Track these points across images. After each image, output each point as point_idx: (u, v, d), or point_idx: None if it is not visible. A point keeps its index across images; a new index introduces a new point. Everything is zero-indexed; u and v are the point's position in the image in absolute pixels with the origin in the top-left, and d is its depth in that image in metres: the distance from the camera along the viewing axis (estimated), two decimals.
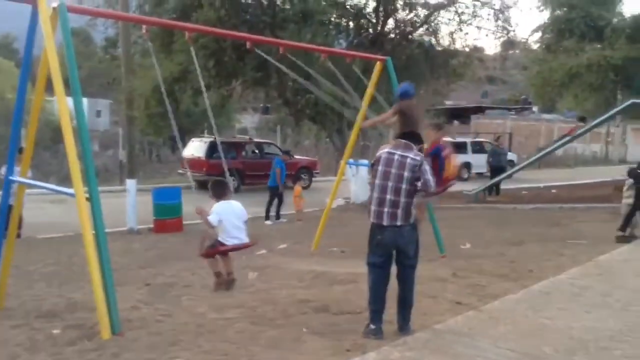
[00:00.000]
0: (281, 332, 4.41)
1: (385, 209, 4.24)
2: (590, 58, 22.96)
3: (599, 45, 23.64)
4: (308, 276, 6.69)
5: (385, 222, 4.24)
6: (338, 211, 14.72)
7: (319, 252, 8.68)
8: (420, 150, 4.68)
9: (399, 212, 4.23)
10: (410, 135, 4.57)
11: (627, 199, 8.70)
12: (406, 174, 4.23)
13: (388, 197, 4.23)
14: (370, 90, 8.91)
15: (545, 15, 25.89)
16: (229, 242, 5.88)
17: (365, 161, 16.83)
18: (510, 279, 6.11)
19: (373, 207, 4.32)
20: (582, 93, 26.88)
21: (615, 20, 24.57)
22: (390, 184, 4.24)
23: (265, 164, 18.16)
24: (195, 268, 7.21)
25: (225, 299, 5.64)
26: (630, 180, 8.80)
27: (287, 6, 15.82)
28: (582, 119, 16.32)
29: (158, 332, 4.47)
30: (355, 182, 15.75)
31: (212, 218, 5.75)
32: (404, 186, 4.22)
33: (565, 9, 24.63)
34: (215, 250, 5.96)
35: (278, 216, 13.21)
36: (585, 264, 6.43)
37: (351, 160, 14.70)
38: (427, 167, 4.34)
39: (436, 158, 6.38)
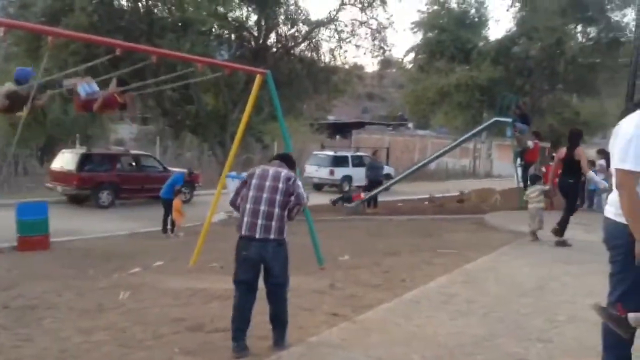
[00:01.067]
0: (150, 354, 4.20)
1: (259, 221, 4.19)
2: (459, 78, 24.64)
3: (467, 67, 25.41)
4: (184, 294, 6.45)
5: (257, 235, 4.18)
6: (220, 225, 14.42)
7: (197, 268, 8.42)
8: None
9: (273, 224, 4.20)
10: (284, 157, 4.63)
11: (538, 204, 9.43)
12: (280, 185, 4.23)
13: (262, 208, 4.20)
14: (250, 102, 8.84)
15: (418, 37, 27.44)
16: None
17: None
18: (384, 288, 6.29)
19: (245, 219, 4.25)
20: (452, 111, 28.77)
21: (481, 43, 26.56)
22: (264, 195, 4.21)
23: (143, 177, 17.42)
24: (61, 289, 6.71)
25: (92, 321, 5.29)
26: (538, 186, 9.62)
27: (166, 14, 15.42)
28: (537, 135, 17.41)
29: (17, 358, 4.11)
30: None
31: None
32: (278, 197, 4.21)
33: (436, 31, 26.25)
34: None
35: (172, 229, 12.81)
36: (453, 272, 6.79)
37: (233, 174, 14.53)
38: (300, 182, 4.38)
39: None
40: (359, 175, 21.57)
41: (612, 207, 3.29)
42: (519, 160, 16.27)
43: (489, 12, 27.12)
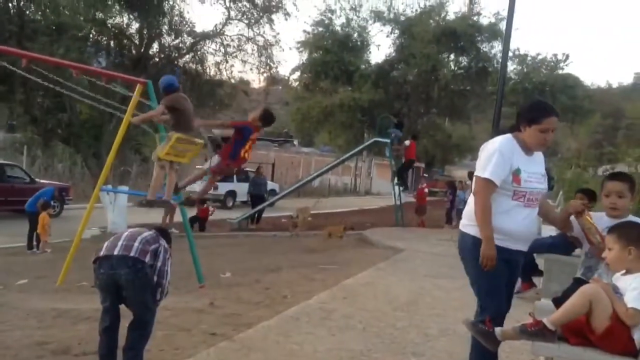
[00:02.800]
0: None
1: (120, 242, 3.92)
2: (342, 99, 25.46)
3: (349, 88, 26.31)
4: (49, 315, 5.97)
5: (116, 252, 3.85)
6: (92, 242, 13.56)
7: (65, 288, 7.85)
8: None
9: (136, 244, 3.88)
10: (160, 230, 4.30)
11: None
12: (143, 236, 3.98)
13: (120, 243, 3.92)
14: (128, 113, 8.46)
15: (304, 56, 27.98)
16: None
17: (125, 187, 15.97)
18: (265, 305, 6.23)
19: (106, 244, 4.00)
20: (335, 130, 29.60)
21: (363, 66, 27.64)
22: (120, 242, 3.91)
23: (7, 188, 16.06)
24: None
25: None
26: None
27: (39, 17, 14.41)
28: (413, 136, 17.98)
29: None
30: (112, 210, 14.77)
31: None
32: (136, 244, 3.90)
33: (321, 52, 26.93)
34: None
35: (38, 245, 11.86)
36: (333, 288, 6.88)
37: (108, 187, 13.80)
38: (168, 264, 4.02)
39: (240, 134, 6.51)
40: (243, 191, 21.43)
41: (464, 219, 3.54)
42: (396, 179, 16.97)
43: (371, 37, 28.24)
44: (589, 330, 2.90)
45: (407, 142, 16.85)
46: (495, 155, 3.33)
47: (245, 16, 20.31)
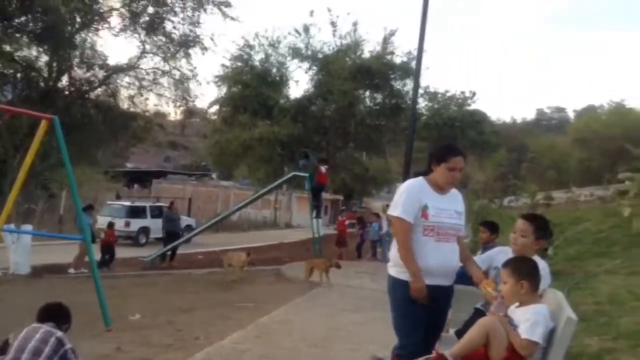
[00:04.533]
0: None
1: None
2: (262, 133, 25.51)
3: (269, 122, 26.42)
4: None
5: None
6: None
7: None
8: None
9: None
10: (56, 311, 3.97)
11: None
12: (47, 348, 3.61)
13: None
14: (33, 149, 8.04)
15: (223, 90, 27.88)
16: None
17: (29, 226, 15.07)
18: (176, 348, 6.03)
19: (15, 343, 3.63)
20: (254, 163, 29.52)
21: (282, 101, 27.90)
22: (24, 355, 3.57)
23: None
24: None
25: None
26: None
27: None
28: (324, 160, 17.90)
29: None
30: (15, 249, 13.87)
31: None
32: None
33: (240, 86, 26.95)
34: None
35: None
36: (248, 327, 6.77)
37: (10, 226, 12.97)
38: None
39: None
40: (157, 226, 20.77)
41: (390, 261, 3.68)
42: (314, 212, 17.07)
43: (290, 73, 28.68)
44: None
45: (322, 169, 17.11)
46: (403, 194, 3.59)
47: (161, 50, 20.07)
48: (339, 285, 10.53)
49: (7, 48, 14.96)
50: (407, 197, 3.55)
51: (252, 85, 26.64)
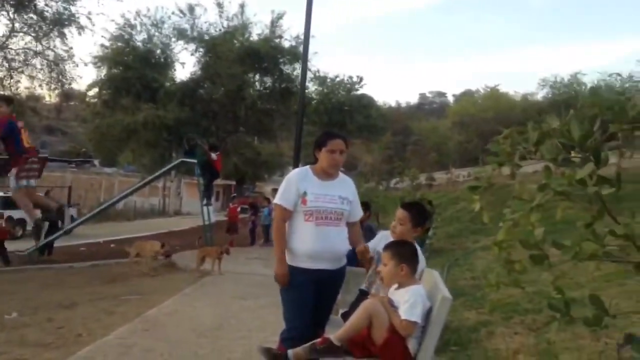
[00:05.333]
0: None
1: None
2: (146, 117, 24.47)
3: (154, 106, 25.40)
4: None
5: None
6: None
7: None
8: None
9: None
10: None
11: None
12: None
13: None
14: None
15: (103, 72, 26.37)
16: None
17: None
18: (56, 347, 5.69)
19: None
20: (139, 149, 28.32)
21: (168, 84, 26.94)
22: None
23: None
24: None
25: None
26: None
27: None
28: (214, 147, 17.24)
29: None
30: None
31: None
32: None
33: (121, 68, 25.65)
34: None
35: None
36: (134, 320, 6.53)
37: None
38: None
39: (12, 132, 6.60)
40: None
41: None
42: (205, 200, 16.73)
43: (175, 55, 27.76)
44: (370, 343, 3.14)
45: (214, 156, 16.78)
46: (283, 184, 3.79)
47: (32, 29, 18.56)
48: (230, 273, 10.46)
49: None
50: (286, 185, 3.75)
51: (135, 66, 25.45)
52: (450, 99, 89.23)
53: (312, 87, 29.35)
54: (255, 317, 6.68)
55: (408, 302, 3.13)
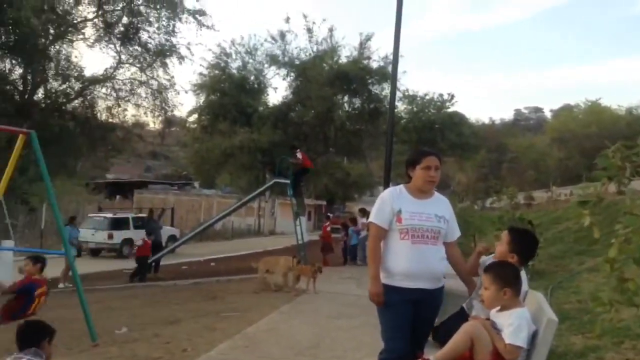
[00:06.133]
0: None
1: None
2: (242, 140, 25.47)
3: (249, 130, 26.40)
4: None
5: None
6: None
7: None
8: None
9: None
10: (35, 335, 3.80)
11: None
12: None
13: None
14: (11, 165, 7.97)
15: (201, 99, 27.82)
16: None
17: (11, 242, 14.85)
18: None
19: None
20: (236, 171, 29.45)
21: (261, 108, 27.91)
22: None
23: None
24: None
25: None
26: None
27: None
28: (295, 147, 18.02)
29: None
30: None
31: None
32: None
33: (218, 94, 26.92)
34: None
35: None
36: (235, 337, 6.77)
37: None
38: None
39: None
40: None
41: None
42: (299, 221, 17.05)
43: (267, 80, 28.76)
44: None
45: (299, 155, 17.23)
46: (377, 202, 3.81)
47: (137, 60, 19.96)
48: (324, 292, 10.54)
49: None
50: (380, 204, 3.76)
51: (231, 93, 26.64)
52: (548, 114, 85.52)
53: (401, 106, 29.31)
54: (351, 337, 6.69)
55: (512, 325, 3.04)
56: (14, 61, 16.44)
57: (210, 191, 43.68)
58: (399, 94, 26.32)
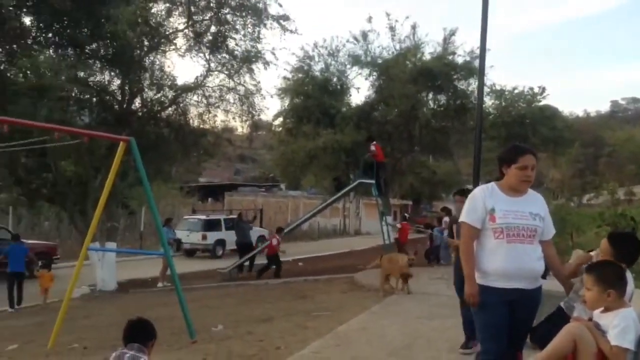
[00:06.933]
0: None
1: None
2: (325, 142, 25.66)
3: (332, 131, 26.56)
4: None
5: None
6: (82, 300, 13.46)
7: (56, 351, 7.74)
8: None
9: None
10: (141, 331, 3.91)
11: None
12: None
13: None
14: (113, 170, 8.52)
15: (286, 102, 28.32)
16: None
17: (113, 244, 15.85)
18: (259, 359, 6.19)
19: None
20: (320, 172, 29.75)
21: (344, 109, 28.00)
22: None
23: None
24: None
25: None
26: None
27: (20, 79, 14.52)
28: (371, 138, 18.32)
29: None
30: (101, 267, 14.65)
31: None
32: None
33: (302, 97, 27.31)
34: None
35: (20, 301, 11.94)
36: (326, 335, 6.85)
37: (96, 244, 13.71)
38: None
39: None
40: (233, 239, 21.35)
41: None
42: (385, 220, 17.00)
43: (350, 80, 28.82)
44: None
45: (372, 148, 17.15)
46: (468, 201, 3.72)
47: (225, 67, 20.60)
48: (414, 293, 10.43)
49: (82, 74, 15.85)
50: (471, 202, 3.67)
51: (314, 95, 26.90)
52: None
53: (488, 101, 28.42)
54: (444, 339, 6.59)
55: (618, 326, 2.88)
56: (112, 73, 17.49)
57: (296, 192, 44.41)
58: (486, 89, 25.54)
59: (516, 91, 29.64)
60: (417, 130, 26.42)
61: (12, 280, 12.32)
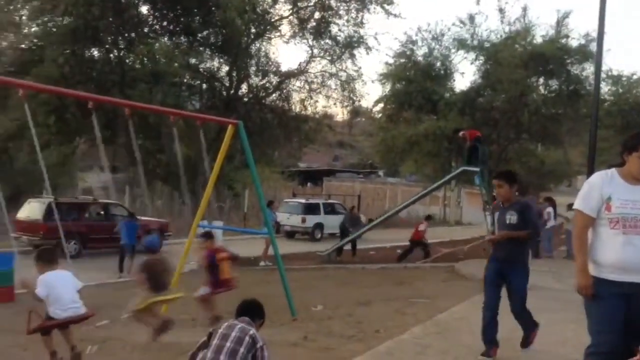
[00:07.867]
0: None
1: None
2: (427, 128, 25.20)
3: (434, 117, 26.00)
4: (153, 347, 6.31)
5: None
6: (190, 276, 14.19)
7: None
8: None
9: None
10: (251, 310, 4.09)
11: None
12: (242, 349, 3.74)
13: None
14: (222, 152, 8.88)
15: (387, 88, 28.04)
16: (62, 315, 5.38)
17: (220, 222, 16.60)
18: (358, 340, 6.25)
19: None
20: (421, 159, 29.25)
21: (447, 95, 27.26)
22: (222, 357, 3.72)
23: (111, 226, 17.12)
24: (28, 342, 6.47)
25: None
26: None
27: (138, 66, 15.52)
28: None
29: None
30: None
31: (40, 290, 5.26)
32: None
33: (404, 83, 26.88)
34: (45, 325, 5.41)
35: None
36: (426, 322, 6.78)
37: (204, 222, 14.41)
38: (266, 352, 3.82)
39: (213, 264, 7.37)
40: (331, 223, 21.66)
41: None
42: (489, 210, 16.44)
43: (454, 65, 28.06)
44: None
45: (461, 134, 16.70)
46: (584, 187, 3.61)
47: (327, 53, 20.81)
48: None
49: (193, 61, 16.63)
50: (587, 189, 3.54)
51: (416, 80, 26.38)
52: None
53: (604, 87, 26.53)
54: (553, 332, 6.30)
55: None
56: (221, 60, 18.25)
57: (395, 179, 44.03)
58: (602, 75, 23.87)
59: (635, 77, 27.48)
60: (526, 117, 25.19)
61: (124, 251, 13.39)
